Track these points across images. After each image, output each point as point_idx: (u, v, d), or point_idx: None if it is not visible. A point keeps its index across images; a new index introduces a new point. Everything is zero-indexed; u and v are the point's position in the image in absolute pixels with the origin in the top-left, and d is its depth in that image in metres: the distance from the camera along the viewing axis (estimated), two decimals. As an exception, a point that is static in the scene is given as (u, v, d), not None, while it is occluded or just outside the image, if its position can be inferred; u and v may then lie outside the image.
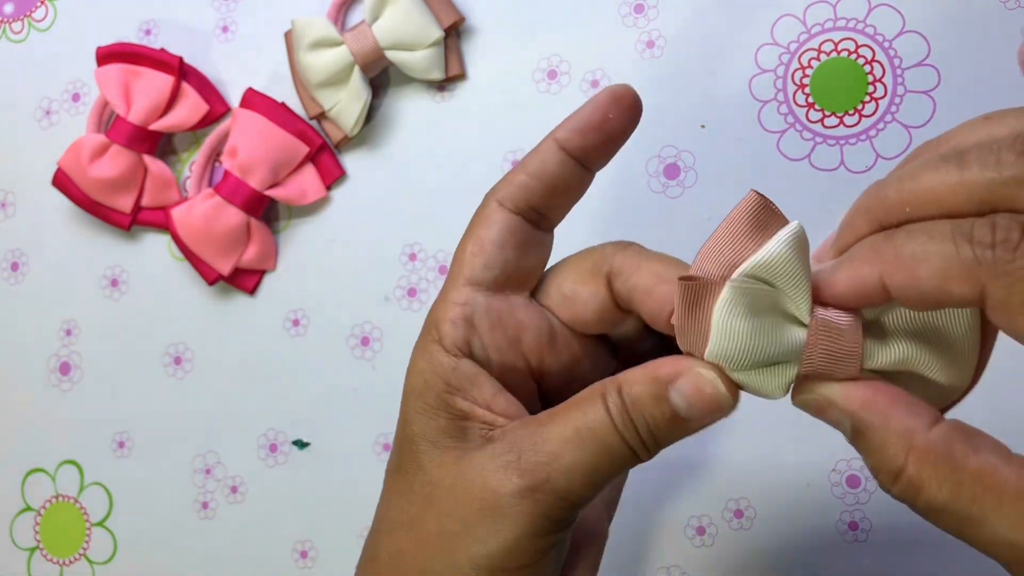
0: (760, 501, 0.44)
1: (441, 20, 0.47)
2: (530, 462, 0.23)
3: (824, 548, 0.43)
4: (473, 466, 0.24)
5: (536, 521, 0.23)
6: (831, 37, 0.44)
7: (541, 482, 0.23)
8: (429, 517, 0.24)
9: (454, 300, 0.25)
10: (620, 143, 0.26)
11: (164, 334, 0.52)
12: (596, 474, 0.23)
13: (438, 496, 0.24)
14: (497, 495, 0.23)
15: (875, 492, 0.42)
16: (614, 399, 0.23)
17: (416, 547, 0.24)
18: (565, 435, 0.23)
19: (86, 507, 0.53)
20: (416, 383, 0.25)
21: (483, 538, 0.23)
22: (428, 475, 0.25)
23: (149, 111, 0.50)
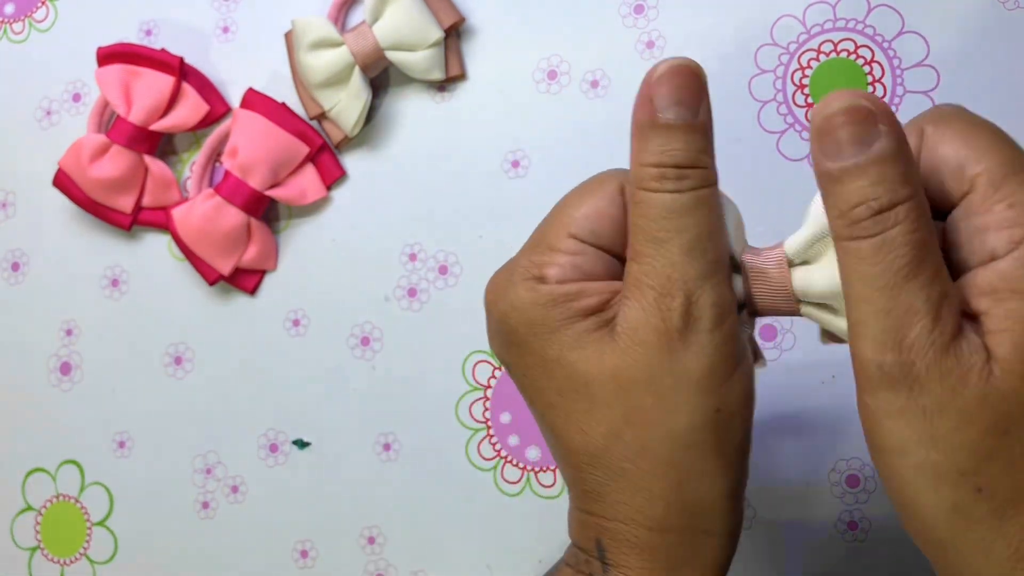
0: (760, 501, 0.44)
1: (441, 20, 0.47)
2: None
3: (824, 548, 0.43)
4: (632, 331, 0.23)
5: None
6: (831, 37, 0.44)
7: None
8: (636, 398, 0.23)
9: (561, 247, 0.25)
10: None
11: (164, 334, 0.52)
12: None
13: (625, 379, 0.23)
14: (671, 324, 0.23)
15: (875, 492, 0.42)
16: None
17: (646, 429, 0.24)
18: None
19: (87, 507, 0.53)
20: (532, 314, 0.25)
21: (695, 359, 0.23)
22: (602, 375, 0.24)
23: (150, 111, 0.50)
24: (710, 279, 0.23)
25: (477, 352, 0.48)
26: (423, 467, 0.48)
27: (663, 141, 0.23)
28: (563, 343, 0.24)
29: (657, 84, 0.23)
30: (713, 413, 0.23)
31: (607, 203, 0.26)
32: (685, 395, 0.23)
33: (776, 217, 0.44)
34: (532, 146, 0.47)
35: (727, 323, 0.23)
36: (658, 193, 0.23)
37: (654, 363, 0.23)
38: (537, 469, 0.47)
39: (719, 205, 0.24)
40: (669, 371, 0.23)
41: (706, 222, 0.23)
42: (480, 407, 0.47)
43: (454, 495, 0.48)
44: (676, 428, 0.23)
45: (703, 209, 0.23)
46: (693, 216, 0.23)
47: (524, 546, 0.46)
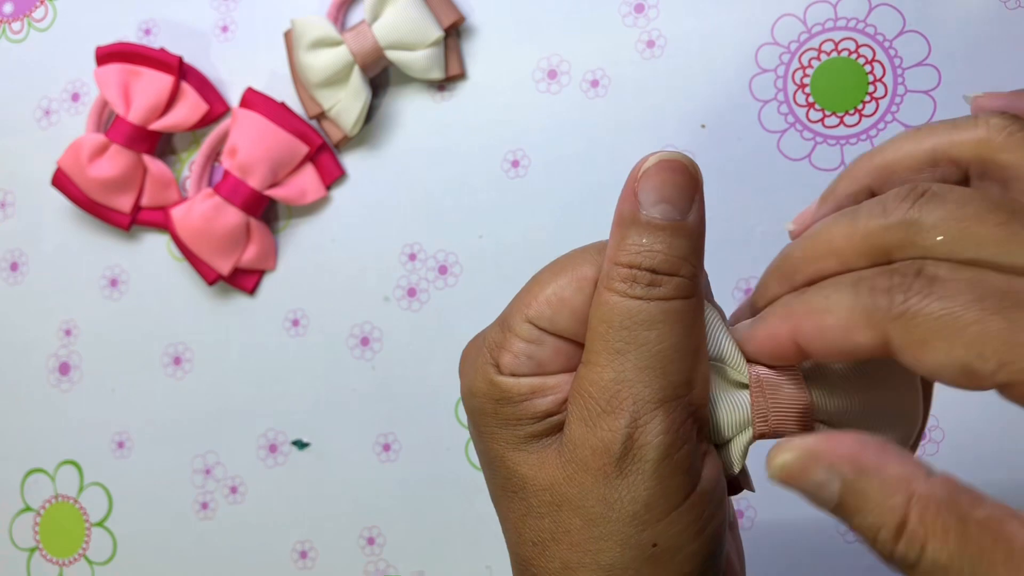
0: (760, 501, 0.44)
1: (441, 20, 0.46)
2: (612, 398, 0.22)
3: (824, 548, 0.43)
4: (572, 446, 0.22)
5: (669, 438, 0.21)
6: (831, 37, 0.44)
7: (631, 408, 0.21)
8: (565, 517, 0.22)
9: (517, 331, 0.23)
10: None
11: (164, 334, 0.52)
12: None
13: (558, 494, 0.22)
14: (610, 447, 0.21)
15: (875, 492, 0.42)
16: None
17: (572, 551, 0.22)
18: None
19: (85, 507, 0.53)
20: (482, 404, 0.23)
21: (630, 491, 0.21)
22: (537, 483, 0.22)
23: (148, 111, 0.50)
24: (666, 404, 0.21)
25: (477, 352, 0.47)
26: (423, 467, 0.48)
27: (642, 240, 0.21)
28: (507, 442, 0.23)
29: (645, 177, 0.21)
30: (648, 548, 0.21)
31: (573, 290, 0.23)
32: (616, 526, 0.21)
33: (776, 217, 0.44)
34: (532, 146, 0.47)
35: (678, 454, 0.21)
36: (624, 298, 0.21)
37: (587, 485, 0.21)
38: (537, 469, 0.46)
39: (698, 321, 0.22)
40: (601, 498, 0.21)
41: (673, 338, 0.21)
42: (480, 407, 0.47)
43: (454, 495, 0.48)
44: (601, 559, 0.21)
45: (672, 324, 0.21)
46: (658, 330, 0.21)
47: (524, 547, 0.46)
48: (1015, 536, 0.17)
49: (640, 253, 0.21)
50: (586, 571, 0.22)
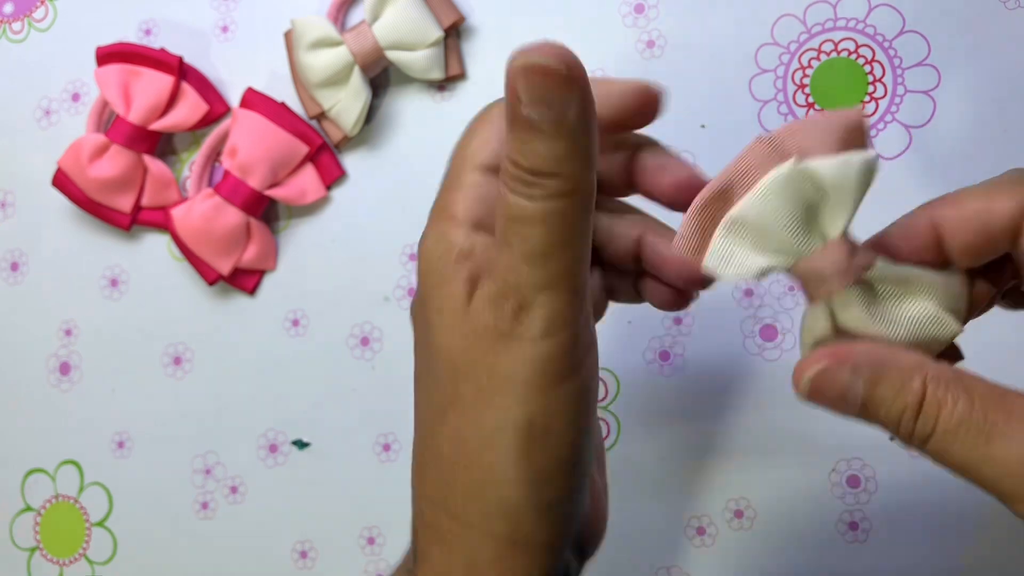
0: (760, 501, 0.44)
1: (441, 20, 0.46)
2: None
3: (824, 548, 0.43)
4: (472, 318, 0.23)
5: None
6: (831, 37, 0.44)
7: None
8: (480, 400, 0.23)
9: (464, 181, 0.25)
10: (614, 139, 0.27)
11: (164, 334, 0.52)
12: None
13: (480, 376, 0.23)
14: (498, 324, 0.23)
15: (875, 492, 0.42)
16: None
17: (476, 427, 0.23)
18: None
19: (86, 507, 0.53)
20: (434, 265, 0.24)
21: (512, 365, 0.22)
22: (464, 357, 0.23)
23: (149, 111, 0.50)
24: (546, 290, 0.22)
25: (477, 352, 0.47)
26: (423, 467, 0.48)
27: (523, 138, 0.21)
28: (436, 307, 0.24)
29: (518, 76, 0.21)
30: (524, 422, 0.22)
31: (491, 128, 0.25)
32: (498, 397, 0.22)
33: (776, 217, 0.44)
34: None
35: (560, 336, 0.22)
36: (511, 193, 0.22)
37: (478, 356, 0.23)
38: (537, 469, 0.47)
39: (581, 216, 0.22)
40: (489, 369, 0.23)
41: (552, 235, 0.22)
42: (480, 407, 0.47)
43: (454, 495, 0.48)
44: (484, 427, 0.23)
45: (551, 221, 0.22)
46: (539, 227, 0.22)
47: (524, 546, 0.46)
48: (1014, 402, 0.21)
49: (522, 152, 0.22)
50: (472, 438, 0.23)
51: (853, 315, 0.23)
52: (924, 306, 0.23)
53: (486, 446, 0.23)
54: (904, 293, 0.23)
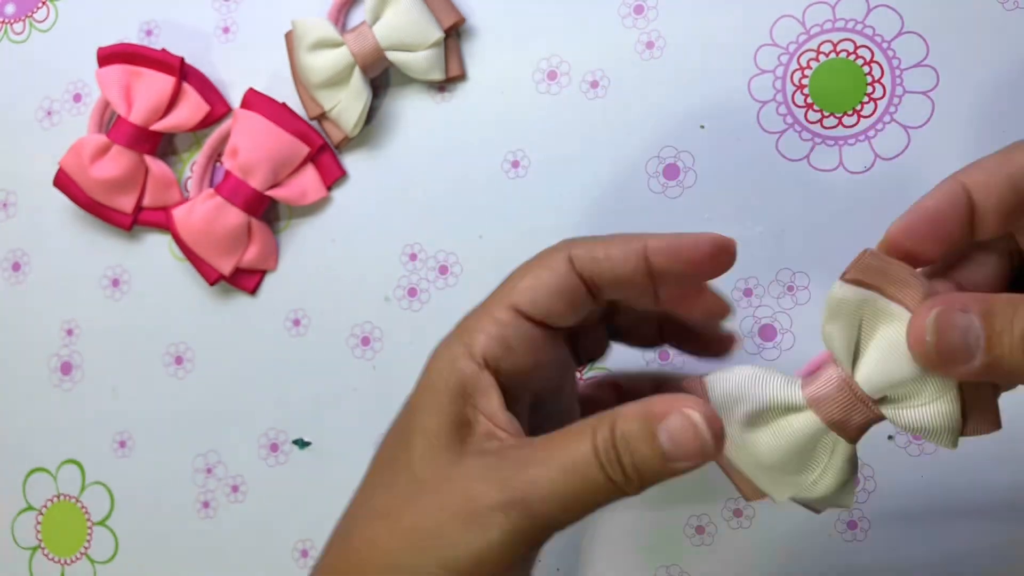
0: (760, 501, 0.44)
1: (441, 21, 0.47)
2: (513, 480, 0.24)
3: (824, 548, 0.43)
4: (462, 472, 0.25)
5: (508, 536, 0.24)
6: (830, 38, 0.44)
7: (518, 501, 0.24)
8: (408, 513, 0.25)
9: (496, 316, 0.27)
10: (699, 283, 0.28)
11: (165, 334, 0.52)
12: (576, 503, 0.24)
13: (421, 494, 0.25)
14: (476, 504, 0.24)
15: (874, 492, 0.42)
16: (604, 434, 0.24)
17: (389, 539, 0.25)
18: (551, 462, 0.24)
19: (87, 506, 0.53)
20: (435, 379, 0.27)
21: (455, 542, 0.24)
22: (416, 473, 0.25)
23: (150, 112, 0.50)
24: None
25: (477, 352, 0.48)
26: (423, 467, 0.48)
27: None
28: (425, 421, 0.26)
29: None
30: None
31: (548, 273, 0.27)
32: (419, 556, 0.25)
33: (775, 217, 0.44)
34: (532, 146, 0.47)
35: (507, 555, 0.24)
36: (608, 466, 0.24)
37: (441, 514, 0.25)
38: (537, 469, 0.47)
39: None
40: (434, 528, 0.25)
41: (580, 503, 0.25)
42: (480, 407, 0.48)
43: (454, 495, 0.48)
44: (400, 562, 0.25)
45: (586, 500, 0.25)
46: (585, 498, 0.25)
47: (524, 546, 0.46)
48: None
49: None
50: (388, 571, 0.25)
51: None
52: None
53: (391, 571, 0.25)
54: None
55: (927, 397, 0.23)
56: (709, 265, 0.27)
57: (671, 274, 0.27)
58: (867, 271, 0.23)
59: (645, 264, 0.26)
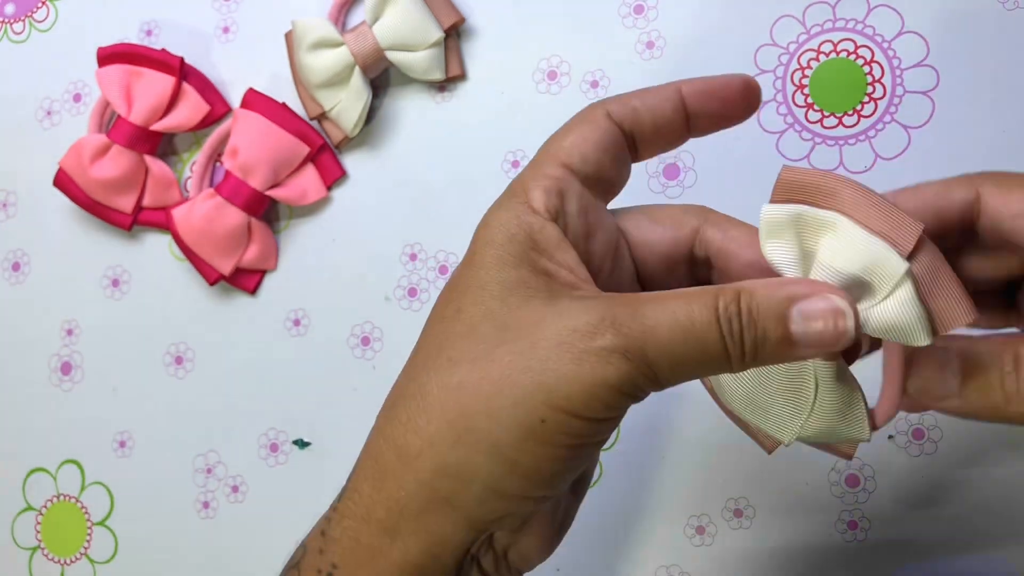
0: (760, 501, 0.44)
1: (441, 20, 0.47)
2: (628, 325, 0.22)
3: (824, 548, 0.43)
4: (563, 312, 0.23)
5: (626, 380, 0.22)
6: (830, 38, 0.44)
7: (637, 347, 0.22)
8: (501, 353, 0.22)
9: (548, 172, 0.25)
10: (727, 125, 0.28)
11: (165, 334, 0.52)
12: (685, 365, 0.23)
13: (513, 336, 0.23)
14: (589, 342, 0.22)
15: (874, 492, 0.42)
16: (728, 302, 0.22)
17: (481, 380, 0.23)
18: (667, 317, 0.22)
19: (87, 506, 0.53)
20: (496, 235, 0.24)
21: (566, 376, 0.22)
22: (500, 319, 0.23)
23: (150, 112, 0.50)
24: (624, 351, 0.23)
25: (477, 352, 0.48)
26: (423, 467, 0.48)
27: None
28: (495, 271, 0.24)
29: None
30: (536, 420, 0.22)
31: (591, 127, 0.26)
32: (534, 382, 0.22)
33: (776, 217, 0.44)
34: (532, 146, 0.47)
35: (623, 382, 0.22)
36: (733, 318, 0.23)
37: (534, 343, 0.23)
38: (537, 469, 0.47)
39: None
40: (533, 344, 0.23)
41: (692, 356, 0.23)
42: (480, 407, 0.48)
43: (454, 495, 0.48)
44: (497, 395, 0.23)
45: (705, 364, 0.24)
46: (694, 346, 0.23)
47: (524, 546, 0.46)
48: None
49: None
50: (475, 398, 0.23)
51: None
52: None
53: (484, 412, 0.22)
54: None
55: (882, 295, 0.23)
56: (741, 103, 0.27)
57: (705, 115, 0.27)
58: (793, 188, 0.24)
59: (682, 105, 0.26)
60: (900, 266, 0.22)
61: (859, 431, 0.25)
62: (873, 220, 0.23)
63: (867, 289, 0.23)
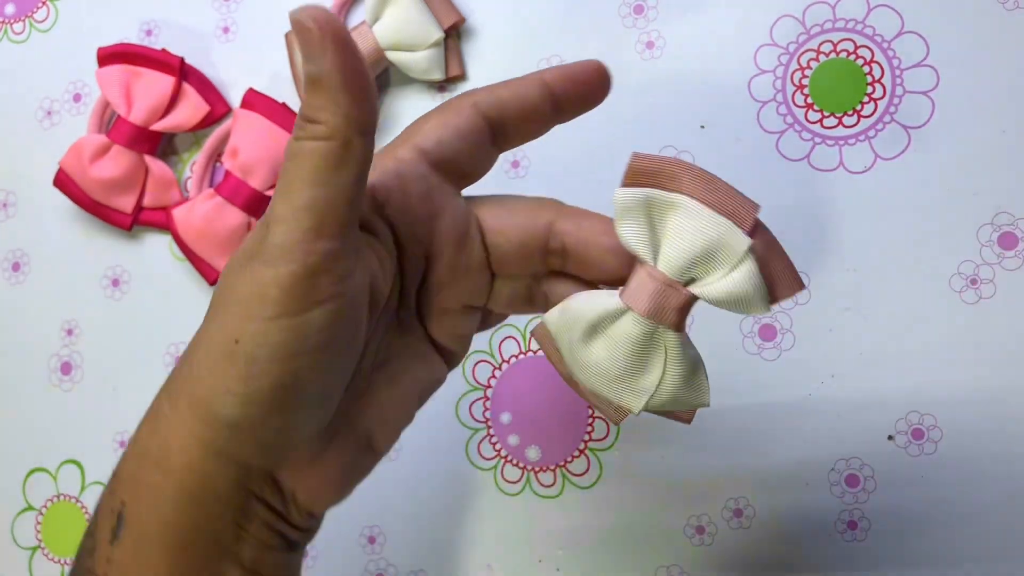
0: (759, 501, 0.44)
1: (441, 21, 0.47)
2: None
3: (823, 548, 0.43)
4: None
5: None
6: (830, 38, 0.44)
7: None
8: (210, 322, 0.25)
9: (399, 155, 0.27)
10: (587, 107, 0.29)
11: (165, 334, 0.52)
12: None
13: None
14: (247, 244, 0.24)
15: (874, 492, 0.42)
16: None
17: (201, 337, 0.25)
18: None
19: (87, 506, 0.53)
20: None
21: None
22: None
23: (150, 112, 0.50)
24: (283, 222, 0.23)
25: (477, 352, 0.48)
26: (423, 467, 0.48)
27: (304, 89, 0.24)
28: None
29: (295, 31, 0.23)
30: (229, 342, 0.24)
31: (455, 115, 0.27)
32: (221, 315, 0.24)
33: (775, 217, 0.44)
34: (532, 146, 0.47)
35: (284, 268, 0.23)
36: (291, 137, 0.24)
37: (228, 277, 0.24)
38: (537, 469, 0.47)
39: (338, 162, 0.24)
40: (228, 288, 0.24)
41: (303, 170, 0.23)
42: (480, 407, 0.48)
43: (454, 495, 0.48)
44: (208, 340, 0.25)
45: (303, 159, 0.24)
46: (292, 163, 0.24)
47: (524, 545, 0.47)
48: None
49: (303, 100, 0.24)
50: (201, 349, 0.25)
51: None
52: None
53: (206, 356, 0.24)
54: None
55: (727, 268, 0.25)
56: (598, 85, 0.29)
57: (568, 98, 0.28)
58: (641, 173, 0.26)
59: (547, 90, 0.28)
60: (744, 242, 0.25)
61: (702, 398, 0.28)
62: (715, 201, 0.25)
63: (712, 262, 0.25)
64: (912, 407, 0.42)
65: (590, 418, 0.46)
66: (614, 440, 0.46)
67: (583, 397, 0.28)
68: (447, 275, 0.28)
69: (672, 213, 0.25)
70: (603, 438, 0.46)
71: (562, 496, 0.46)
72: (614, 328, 0.26)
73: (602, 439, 0.46)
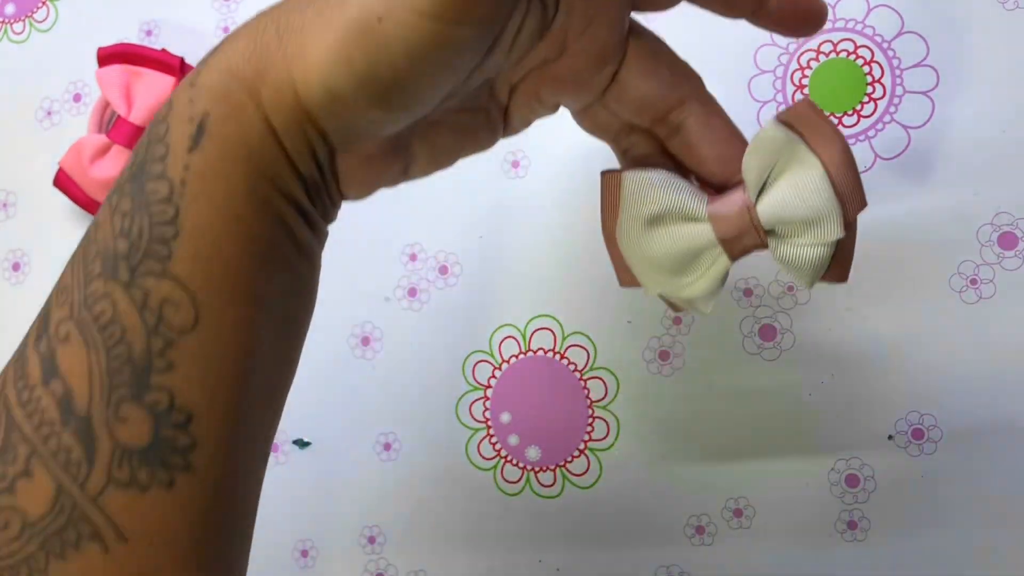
0: (759, 500, 0.44)
1: (441, 21, 0.47)
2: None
3: (823, 548, 0.43)
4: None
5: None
6: (830, 38, 0.44)
7: None
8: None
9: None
10: (781, 28, 0.30)
11: (165, 334, 0.52)
12: None
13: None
14: None
15: (874, 492, 0.42)
16: None
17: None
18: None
19: (87, 507, 0.53)
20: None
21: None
22: None
23: (150, 112, 0.50)
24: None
25: (477, 352, 0.48)
26: (423, 467, 0.48)
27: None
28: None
29: None
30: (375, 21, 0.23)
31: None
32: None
33: (776, 217, 0.44)
34: (532, 146, 0.47)
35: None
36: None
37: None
38: (537, 469, 0.47)
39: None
40: None
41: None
42: (480, 407, 0.48)
43: (454, 495, 0.48)
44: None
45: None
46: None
47: (524, 546, 0.46)
48: None
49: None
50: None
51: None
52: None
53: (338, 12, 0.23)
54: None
55: (810, 240, 0.26)
56: (812, 13, 0.28)
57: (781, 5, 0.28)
58: (799, 119, 0.26)
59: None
60: (838, 232, 0.26)
61: (705, 308, 0.29)
62: (842, 182, 0.26)
63: (802, 231, 0.26)
64: (912, 407, 0.42)
65: (590, 418, 0.46)
66: (614, 440, 0.46)
67: (607, 248, 0.29)
68: (566, 65, 0.28)
69: (801, 169, 0.26)
70: (603, 438, 0.46)
71: (562, 496, 0.46)
72: (685, 227, 0.27)
73: (602, 439, 0.46)
